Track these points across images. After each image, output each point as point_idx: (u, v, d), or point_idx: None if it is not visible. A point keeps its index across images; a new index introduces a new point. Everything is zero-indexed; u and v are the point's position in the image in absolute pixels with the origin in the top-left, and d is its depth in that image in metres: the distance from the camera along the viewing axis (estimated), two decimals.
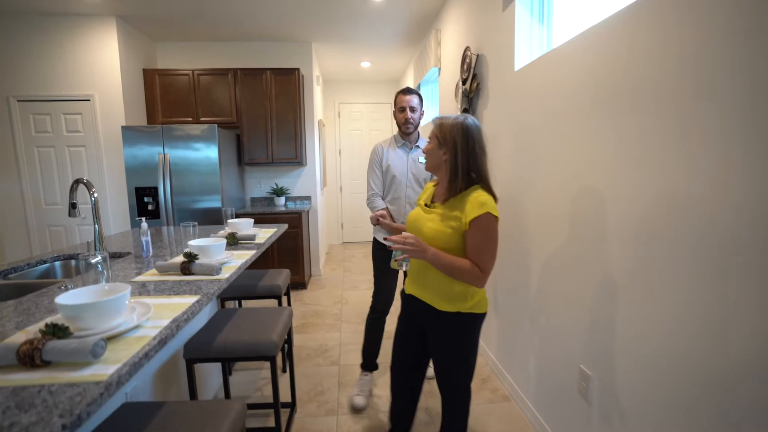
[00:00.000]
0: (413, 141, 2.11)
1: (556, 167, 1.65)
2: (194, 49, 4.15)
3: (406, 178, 2.06)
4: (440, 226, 1.26)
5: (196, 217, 3.51)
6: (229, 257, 1.62)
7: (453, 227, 1.24)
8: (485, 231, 1.20)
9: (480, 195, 1.22)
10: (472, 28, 2.60)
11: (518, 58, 2.01)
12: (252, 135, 4.00)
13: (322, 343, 2.83)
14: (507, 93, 2.13)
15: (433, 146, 1.30)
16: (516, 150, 2.05)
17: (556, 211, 1.65)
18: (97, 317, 0.89)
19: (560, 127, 1.61)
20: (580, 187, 1.49)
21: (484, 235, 1.21)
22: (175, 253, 1.83)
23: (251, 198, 4.40)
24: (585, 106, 1.43)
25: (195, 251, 1.51)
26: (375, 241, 2.15)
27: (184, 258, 1.46)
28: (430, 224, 1.29)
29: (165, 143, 3.40)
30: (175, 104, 3.87)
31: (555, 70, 1.64)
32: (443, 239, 1.25)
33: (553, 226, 1.69)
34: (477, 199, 1.21)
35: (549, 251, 1.73)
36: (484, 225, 1.20)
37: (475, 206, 1.20)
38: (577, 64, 1.48)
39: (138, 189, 3.43)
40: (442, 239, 1.25)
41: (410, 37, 4.21)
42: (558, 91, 1.62)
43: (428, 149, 1.32)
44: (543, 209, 1.77)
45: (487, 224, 1.20)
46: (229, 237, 2.00)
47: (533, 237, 1.87)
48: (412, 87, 2.03)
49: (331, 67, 5.27)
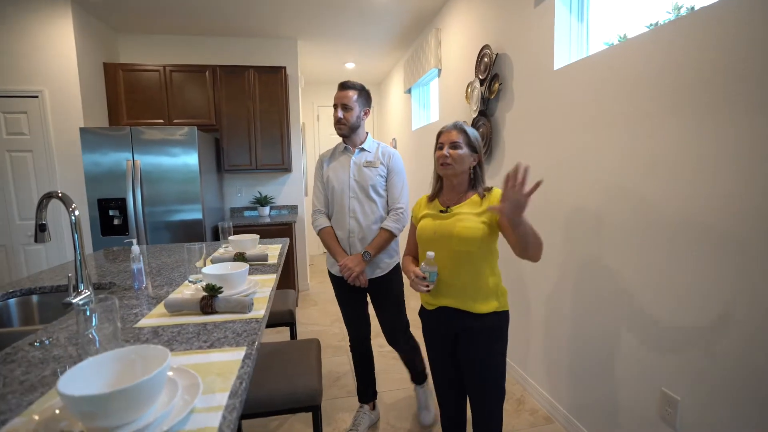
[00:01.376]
0: (356, 143, 1.77)
1: (600, 170, 1.50)
2: (164, 42, 3.70)
3: (348, 187, 1.74)
4: (475, 223, 1.25)
5: (172, 232, 3.08)
6: (253, 287, 1.31)
7: (485, 222, 1.25)
8: None
9: (498, 191, 1.28)
10: (492, 26, 2.45)
11: (558, 56, 1.86)
12: (233, 138, 3.62)
13: (330, 369, 2.53)
14: (540, 94, 1.97)
15: (465, 152, 1.30)
16: (548, 154, 1.89)
17: (611, 220, 1.50)
18: (126, 409, 0.58)
19: (612, 130, 1.46)
20: (640, 197, 1.35)
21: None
22: (175, 282, 1.49)
23: (231, 208, 3.99)
24: (645, 104, 1.29)
25: (215, 281, 1.19)
26: (330, 273, 1.91)
27: (205, 291, 1.14)
28: (462, 224, 1.26)
29: (135, 148, 2.95)
30: (143, 104, 3.41)
31: (615, 66, 1.49)
32: (480, 234, 1.24)
33: (608, 235, 1.53)
34: (496, 193, 1.29)
35: (596, 259, 1.57)
36: None
37: (496, 198, 1.27)
38: (648, 59, 1.33)
39: (101, 201, 2.95)
40: (479, 235, 1.24)
41: (402, 38, 4.02)
42: (615, 91, 1.47)
43: (459, 155, 1.30)
44: (587, 219, 1.61)
45: None
46: (237, 258, 1.68)
47: (578, 244, 1.72)
48: (352, 81, 1.73)
49: (313, 67, 4.96)
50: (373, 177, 1.74)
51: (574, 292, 1.80)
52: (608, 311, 1.60)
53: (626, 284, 1.50)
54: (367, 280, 1.75)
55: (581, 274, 1.74)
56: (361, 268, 1.70)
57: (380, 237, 1.73)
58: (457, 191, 1.34)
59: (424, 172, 3.79)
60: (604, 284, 1.61)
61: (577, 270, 1.77)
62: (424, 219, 1.38)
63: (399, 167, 1.80)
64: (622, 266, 1.51)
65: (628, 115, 1.45)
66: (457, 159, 1.29)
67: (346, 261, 1.71)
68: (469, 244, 1.24)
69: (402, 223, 1.75)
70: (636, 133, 1.43)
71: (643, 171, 1.41)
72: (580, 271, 1.75)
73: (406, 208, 1.77)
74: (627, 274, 1.49)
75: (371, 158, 1.78)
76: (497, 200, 1.23)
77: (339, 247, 1.76)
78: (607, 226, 1.58)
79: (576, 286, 1.78)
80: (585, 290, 1.73)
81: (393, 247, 1.83)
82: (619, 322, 1.54)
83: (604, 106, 1.57)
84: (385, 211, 1.78)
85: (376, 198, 1.75)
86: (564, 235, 1.85)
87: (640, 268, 1.44)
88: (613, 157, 1.53)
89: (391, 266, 1.81)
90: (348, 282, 1.72)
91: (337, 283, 1.87)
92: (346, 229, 1.75)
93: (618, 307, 1.55)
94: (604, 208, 1.59)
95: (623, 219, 1.50)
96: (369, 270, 1.77)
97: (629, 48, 1.44)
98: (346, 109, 1.71)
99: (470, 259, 1.26)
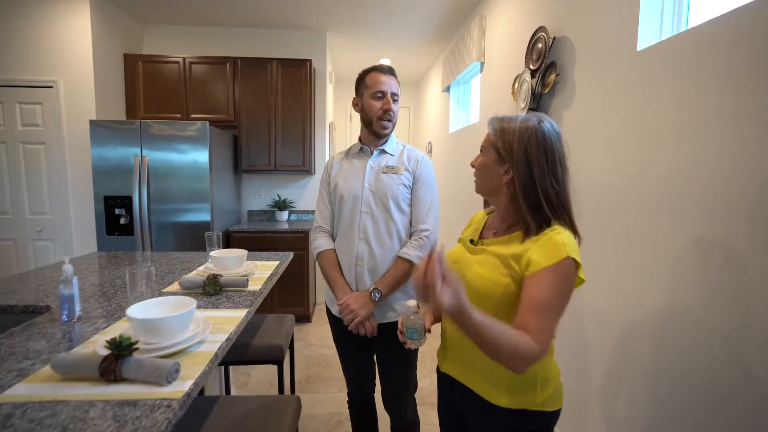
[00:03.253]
0: (377, 143, 1.39)
1: (713, 191, 0.99)
2: (187, 34, 3.52)
3: (360, 198, 1.33)
4: (493, 273, 0.84)
5: (178, 234, 2.85)
6: (196, 332, 0.95)
7: (510, 273, 0.82)
8: (560, 285, 0.77)
9: (556, 233, 0.80)
10: (549, 4, 1.97)
11: (644, 32, 1.37)
12: (252, 137, 3.36)
13: (334, 410, 2.15)
14: (614, 85, 1.49)
15: (489, 160, 0.87)
16: (624, 168, 1.40)
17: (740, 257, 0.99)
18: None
19: (730, 133, 0.96)
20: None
21: (557, 289, 0.77)
22: (116, 311, 1.17)
23: (248, 211, 3.74)
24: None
25: (139, 329, 0.85)
26: (328, 310, 1.48)
27: (109, 348, 0.79)
28: (479, 269, 0.87)
29: (143, 143, 2.75)
30: (161, 97, 3.23)
31: (736, 39, 0.99)
32: (498, 292, 0.82)
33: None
34: (552, 238, 0.79)
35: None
36: (560, 276, 0.77)
37: (549, 248, 0.78)
38: None
39: (108, 198, 2.77)
40: (497, 292, 0.82)
41: (441, 31, 3.60)
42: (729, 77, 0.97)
43: (481, 164, 0.90)
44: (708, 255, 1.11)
45: (565, 275, 0.78)
46: (208, 283, 1.34)
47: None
48: (392, 68, 1.36)
49: (344, 63, 4.65)
50: (395, 186, 1.33)
51: (653, 339, 1.29)
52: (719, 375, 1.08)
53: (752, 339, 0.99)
54: (375, 327, 1.32)
55: (669, 324, 1.24)
56: (367, 311, 1.28)
57: (396, 269, 1.31)
58: (503, 218, 0.91)
59: (462, 182, 3.33)
60: (706, 345, 1.10)
61: (665, 321, 1.26)
62: (458, 244, 1.03)
63: (429, 176, 1.38)
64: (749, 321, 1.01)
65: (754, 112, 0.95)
66: (478, 170, 0.91)
67: (348, 300, 1.29)
68: (482, 301, 0.82)
69: (427, 251, 1.32)
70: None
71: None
72: (668, 321, 1.24)
73: (434, 231, 1.35)
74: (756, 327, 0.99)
75: (393, 162, 1.37)
76: (540, 247, 0.79)
77: (341, 279, 1.35)
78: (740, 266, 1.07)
79: (657, 335, 1.27)
80: (674, 339, 1.22)
81: None
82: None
83: (714, 99, 1.07)
84: (407, 233, 1.36)
85: (397, 214, 1.33)
86: (670, 280, 1.34)
87: None
88: (731, 170, 1.03)
89: None
90: (349, 329, 1.32)
91: (336, 326, 1.44)
92: (353, 255, 1.34)
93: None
94: (726, 242, 1.08)
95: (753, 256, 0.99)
96: (378, 312, 1.34)
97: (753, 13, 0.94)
98: (395, 99, 1.34)
99: None
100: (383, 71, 1.33)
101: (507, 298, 0.81)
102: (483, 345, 0.74)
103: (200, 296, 1.32)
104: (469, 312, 0.70)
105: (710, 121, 1.09)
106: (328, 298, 1.46)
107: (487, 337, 0.72)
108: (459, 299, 0.69)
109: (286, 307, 3.24)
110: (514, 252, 0.82)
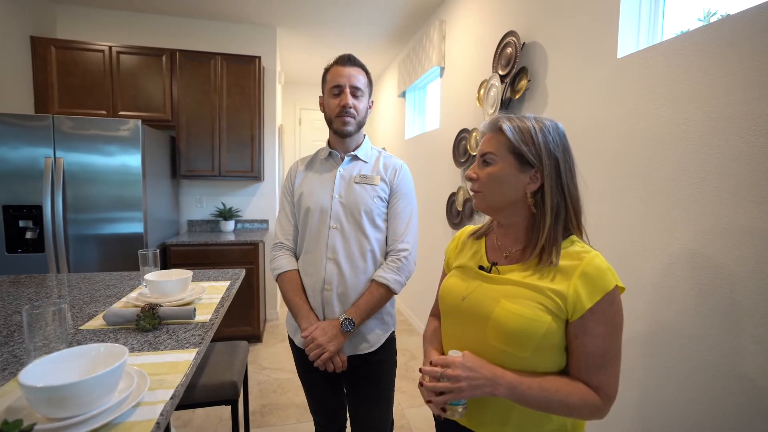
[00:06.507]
0: (349, 147, 1.22)
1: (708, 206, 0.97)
2: (114, 18, 3.08)
3: (329, 213, 1.16)
4: (529, 309, 0.68)
5: (104, 248, 2.43)
6: (128, 393, 0.71)
7: (550, 309, 0.68)
8: (614, 323, 0.68)
9: (592, 256, 0.68)
10: (519, 7, 1.93)
11: (623, 40, 1.35)
12: (193, 138, 3.01)
13: None
14: (591, 92, 1.46)
15: (507, 168, 0.73)
16: (601, 183, 1.37)
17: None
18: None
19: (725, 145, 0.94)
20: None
21: (613, 330, 0.68)
22: (9, 364, 0.88)
23: (189, 221, 3.35)
24: None
25: (37, 400, 0.60)
26: (290, 339, 1.27)
27: None
28: (509, 305, 0.70)
29: (57, 142, 2.32)
30: (81, 90, 2.78)
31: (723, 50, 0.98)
32: (537, 334, 0.67)
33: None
34: (591, 261, 0.67)
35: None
36: (612, 312, 0.67)
37: (593, 278, 0.67)
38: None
39: (9, 208, 2.29)
40: (536, 334, 0.67)
41: (397, 33, 3.51)
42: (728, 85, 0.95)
43: (493, 174, 0.74)
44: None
45: (618, 311, 0.68)
46: (144, 317, 1.07)
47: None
48: (356, 58, 1.22)
49: (294, 63, 4.40)
50: (369, 199, 1.16)
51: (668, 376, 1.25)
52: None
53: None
54: (345, 361, 1.13)
55: (670, 345, 1.20)
56: (336, 345, 1.09)
57: (371, 295, 1.14)
58: (513, 237, 0.78)
59: (420, 190, 3.23)
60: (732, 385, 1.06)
61: (666, 338, 1.23)
62: (455, 272, 0.84)
63: (408, 188, 1.23)
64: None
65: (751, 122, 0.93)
66: (486, 183, 0.75)
67: (315, 333, 1.09)
68: (516, 343, 0.69)
69: (405, 274, 1.16)
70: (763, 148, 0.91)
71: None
72: (668, 339, 1.21)
73: (413, 251, 1.19)
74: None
75: (368, 171, 1.20)
76: (583, 276, 0.67)
77: (305, 306, 1.15)
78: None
79: (671, 369, 1.24)
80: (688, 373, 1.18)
81: (388, 310, 1.23)
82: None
83: (709, 107, 1.05)
84: (382, 253, 1.19)
85: (371, 231, 1.16)
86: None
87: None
88: (725, 185, 1.01)
89: (384, 339, 1.21)
90: (314, 365, 1.11)
91: (300, 359, 1.23)
92: (320, 277, 1.15)
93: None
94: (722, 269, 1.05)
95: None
96: (349, 344, 1.16)
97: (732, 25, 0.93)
98: (357, 94, 1.16)
99: (519, 367, 0.70)
100: (343, 62, 1.18)
101: (550, 339, 0.68)
102: (537, 404, 0.68)
103: (133, 333, 1.05)
104: (490, 376, 0.67)
105: (690, 129, 1.06)
106: (290, 327, 1.25)
107: (532, 398, 0.67)
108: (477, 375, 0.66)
109: (233, 327, 2.92)
110: (553, 287, 0.68)
